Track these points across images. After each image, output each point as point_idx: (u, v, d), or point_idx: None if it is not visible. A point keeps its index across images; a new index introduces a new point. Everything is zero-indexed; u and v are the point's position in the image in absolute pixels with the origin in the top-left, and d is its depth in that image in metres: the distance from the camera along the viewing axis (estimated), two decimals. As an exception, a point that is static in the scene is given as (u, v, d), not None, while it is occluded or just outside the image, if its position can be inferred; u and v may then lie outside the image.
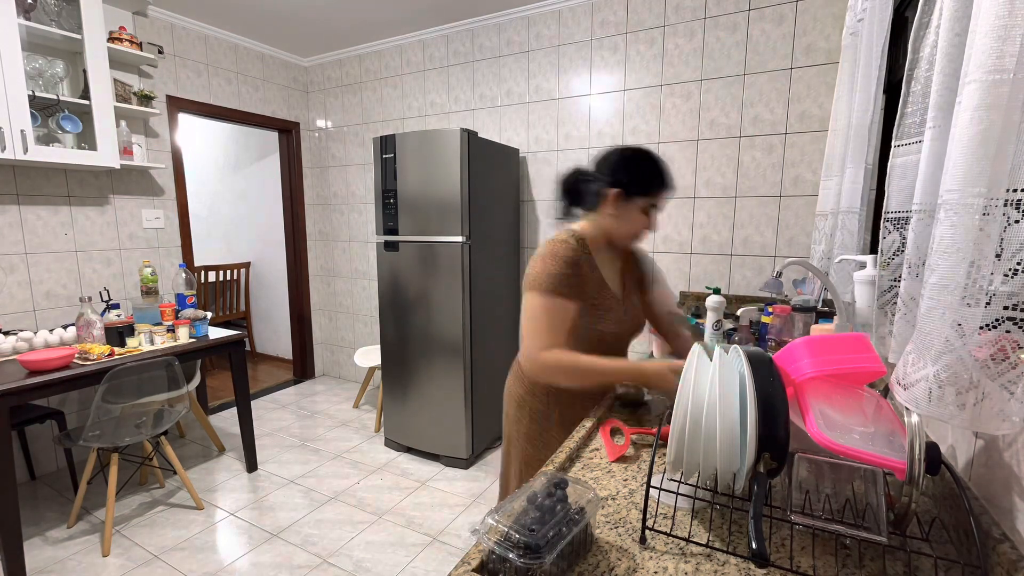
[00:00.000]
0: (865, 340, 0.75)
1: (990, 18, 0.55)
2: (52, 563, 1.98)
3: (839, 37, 2.12)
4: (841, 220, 1.45)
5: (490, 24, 3.06)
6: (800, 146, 2.32)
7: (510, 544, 0.58)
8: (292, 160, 3.89)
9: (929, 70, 0.82)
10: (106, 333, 2.23)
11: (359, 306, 3.99)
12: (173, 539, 2.13)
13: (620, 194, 1.17)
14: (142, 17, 2.90)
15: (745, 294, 2.47)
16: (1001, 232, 0.57)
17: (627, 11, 2.65)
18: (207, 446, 2.99)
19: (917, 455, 0.59)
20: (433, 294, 2.66)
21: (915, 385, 0.63)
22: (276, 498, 2.45)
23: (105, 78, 2.47)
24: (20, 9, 2.19)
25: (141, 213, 2.99)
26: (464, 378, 2.64)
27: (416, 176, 2.62)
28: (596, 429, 1.08)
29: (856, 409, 0.70)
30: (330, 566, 1.97)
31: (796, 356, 0.77)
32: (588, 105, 2.83)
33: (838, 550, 0.66)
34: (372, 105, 3.63)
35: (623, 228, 1.21)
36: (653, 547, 0.68)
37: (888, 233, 0.94)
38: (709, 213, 2.56)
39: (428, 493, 2.50)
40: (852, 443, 0.63)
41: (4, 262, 2.46)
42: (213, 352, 2.50)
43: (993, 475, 0.69)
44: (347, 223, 3.92)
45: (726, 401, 0.68)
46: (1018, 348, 0.56)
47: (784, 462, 0.67)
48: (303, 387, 4.05)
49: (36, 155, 2.25)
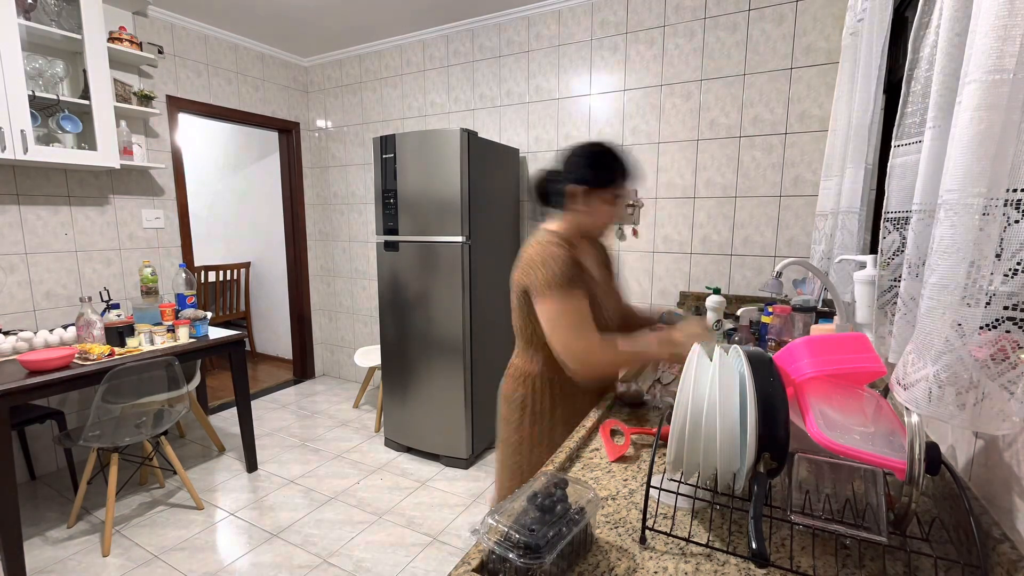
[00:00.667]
0: (865, 340, 0.75)
1: (990, 18, 0.55)
2: (52, 563, 1.98)
3: (839, 37, 2.12)
4: (841, 220, 1.45)
5: (490, 24, 3.06)
6: (800, 146, 2.32)
7: (510, 544, 0.58)
8: (292, 160, 3.89)
9: (929, 70, 0.82)
10: (106, 333, 2.23)
11: (359, 306, 3.99)
12: (173, 539, 2.13)
13: (585, 190, 1.20)
14: (142, 17, 2.90)
15: (745, 294, 2.47)
16: (1001, 232, 0.57)
17: (627, 11, 2.65)
18: (207, 446, 2.99)
19: (917, 455, 0.59)
20: (433, 294, 2.66)
21: (915, 385, 0.63)
22: (276, 498, 2.45)
23: (105, 78, 2.47)
24: (20, 9, 2.19)
25: (141, 213, 2.99)
26: (464, 378, 2.64)
27: (416, 176, 2.62)
28: (596, 429, 1.08)
29: (856, 409, 0.70)
30: (330, 566, 1.97)
31: (796, 356, 0.78)
32: (588, 105, 2.83)
33: (838, 550, 0.66)
34: (372, 105, 3.63)
35: (593, 221, 1.25)
36: (653, 547, 0.68)
37: (888, 233, 0.94)
38: (709, 213, 2.56)
39: (428, 493, 2.50)
40: (852, 443, 0.63)
41: (4, 262, 2.46)
42: (213, 352, 2.50)
43: (993, 475, 0.69)
44: (347, 223, 3.92)
45: (726, 401, 0.68)
46: (1018, 348, 0.56)
47: (784, 462, 0.67)
48: (303, 387, 4.05)
49: (36, 155, 2.24)
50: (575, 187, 1.20)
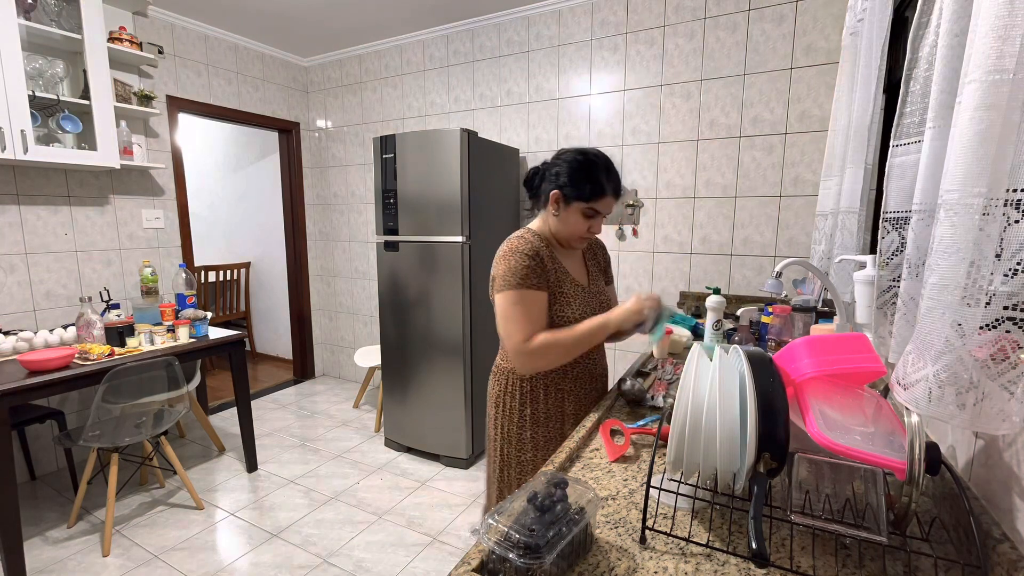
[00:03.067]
0: (865, 340, 0.75)
1: (990, 18, 0.55)
2: (52, 563, 1.98)
3: (839, 37, 2.12)
4: (841, 220, 1.45)
5: (490, 24, 3.06)
6: (800, 146, 2.32)
7: (510, 544, 0.58)
8: (292, 160, 3.89)
9: (929, 70, 0.82)
10: (106, 333, 2.23)
11: (359, 306, 3.99)
12: (173, 539, 2.13)
13: (560, 196, 1.19)
14: (142, 17, 2.90)
15: (745, 294, 2.47)
16: (1001, 232, 0.57)
17: (627, 11, 2.65)
18: (207, 446, 2.99)
19: (917, 455, 0.59)
20: (433, 294, 2.66)
21: (915, 385, 0.63)
22: (276, 498, 2.45)
23: (105, 78, 2.47)
24: (20, 9, 2.19)
25: (141, 213, 2.99)
26: (464, 378, 2.64)
27: (416, 176, 2.62)
28: (596, 429, 1.08)
29: (856, 409, 0.70)
30: (330, 566, 1.97)
31: (796, 356, 0.77)
32: (588, 105, 2.83)
33: (838, 550, 0.66)
34: (372, 105, 3.63)
35: (563, 230, 1.23)
36: (653, 547, 0.68)
37: (887, 233, 0.94)
38: (709, 213, 2.56)
39: (428, 493, 2.50)
40: (852, 443, 0.63)
41: (4, 262, 2.46)
42: (213, 352, 2.50)
43: (993, 475, 0.69)
44: (347, 223, 3.92)
45: (726, 401, 0.68)
46: (1018, 348, 0.56)
47: (784, 462, 0.67)
48: (303, 387, 4.05)
49: (36, 155, 2.24)
50: (556, 192, 1.19)
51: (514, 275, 1.15)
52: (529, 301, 1.15)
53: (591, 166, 1.18)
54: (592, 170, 1.18)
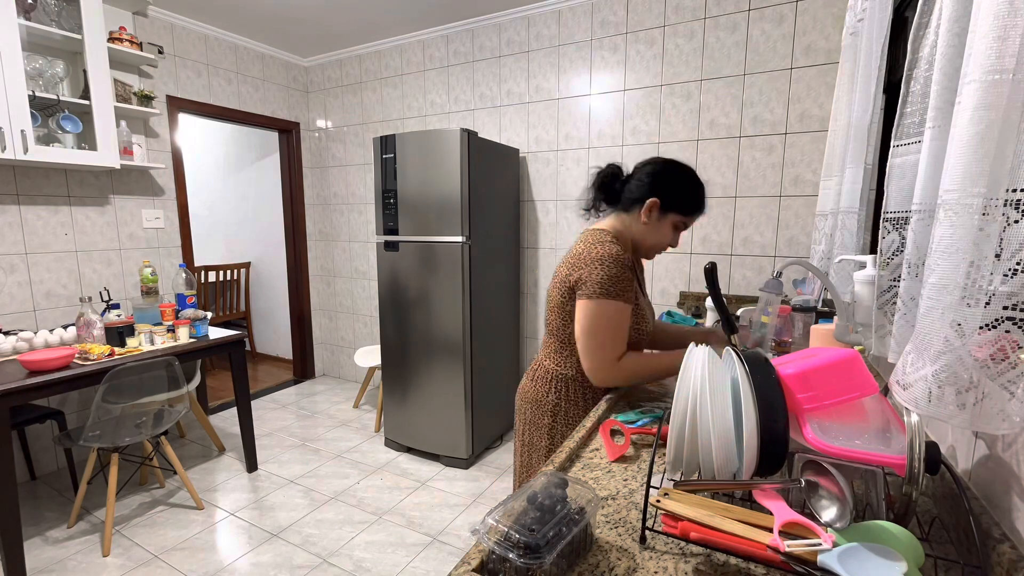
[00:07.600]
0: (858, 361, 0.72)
1: (990, 18, 0.54)
2: (52, 563, 1.98)
3: (839, 37, 2.12)
4: (841, 220, 1.45)
5: (490, 24, 3.06)
6: (800, 146, 2.32)
7: (510, 544, 0.58)
8: (292, 160, 3.89)
9: (929, 70, 0.82)
10: (106, 333, 2.23)
11: (359, 306, 3.99)
12: (173, 539, 2.13)
13: (657, 205, 1.17)
14: (142, 17, 2.90)
15: (745, 294, 2.47)
16: (1001, 232, 0.57)
17: (627, 11, 2.65)
18: (207, 446, 2.99)
19: (917, 454, 0.59)
20: (433, 294, 2.66)
21: (915, 385, 0.63)
22: (276, 498, 2.45)
23: (105, 78, 2.47)
24: (20, 9, 2.19)
25: (141, 213, 2.99)
26: (464, 378, 2.65)
27: (416, 176, 2.62)
28: (596, 429, 1.08)
29: (853, 417, 0.70)
30: (330, 566, 1.97)
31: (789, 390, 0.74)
32: (588, 105, 2.83)
33: (838, 550, 0.66)
34: (372, 105, 3.63)
35: (651, 239, 1.21)
36: (653, 547, 0.68)
37: (887, 233, 0.94)
38: (709, 213, 2.56)
39: (428, 493, 2.50)
40: (850, 446, 0.63)
41: (4, 262, 2.47)
42: (213, 352, 2.50)
43: (993, 475, 0.69)
44: (347, 223, 3.92)
45: (724, 401, 0.68)
46: (1018, 348, 0.56)
47: (784, 462, 0.67)
48: (303, 387, 4.05)
49: (36, 155, 2.25)
50: (654, 199, 1.16)
51: (613, 284, 1.11)
52: (624, 314, 1.13)
53: (693, 181, 1.18)
54: (694, 185, 1.18)
